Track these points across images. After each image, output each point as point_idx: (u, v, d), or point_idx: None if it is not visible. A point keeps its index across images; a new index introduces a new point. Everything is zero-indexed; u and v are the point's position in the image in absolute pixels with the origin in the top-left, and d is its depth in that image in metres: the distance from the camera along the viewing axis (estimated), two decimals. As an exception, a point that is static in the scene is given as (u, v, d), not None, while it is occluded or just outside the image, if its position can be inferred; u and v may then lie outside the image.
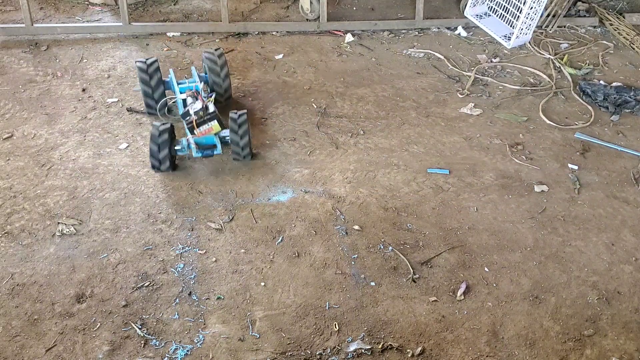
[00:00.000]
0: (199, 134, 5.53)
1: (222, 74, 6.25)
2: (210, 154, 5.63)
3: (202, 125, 5.51)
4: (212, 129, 5.55)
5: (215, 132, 5.58)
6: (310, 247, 5.10)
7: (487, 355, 4.41)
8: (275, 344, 4.45)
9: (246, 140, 5.63)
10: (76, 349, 4.41)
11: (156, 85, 6.13)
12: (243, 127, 5.58)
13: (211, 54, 6.25)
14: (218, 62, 6.21)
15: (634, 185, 5.70)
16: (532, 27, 7.06)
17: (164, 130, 5.46)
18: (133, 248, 5.07)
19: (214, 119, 5.51)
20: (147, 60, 6.14)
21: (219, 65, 6.22)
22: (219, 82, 6.27)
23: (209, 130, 5.55)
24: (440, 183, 5.67)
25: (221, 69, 6.24)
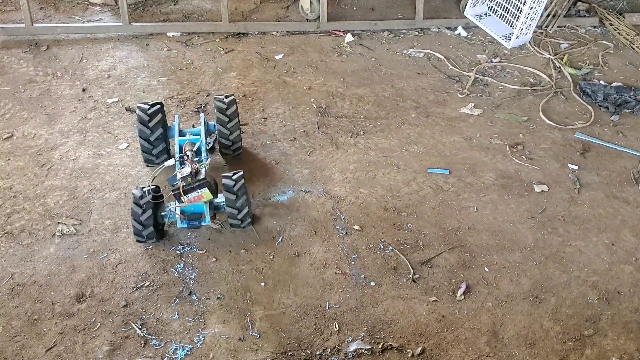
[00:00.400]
0: (186, 202, 4.83)
1: (229, 125, 5.55)
2: (197, 225, 4.99)
3: (190, 193, 4.79)
4: (202, 196, 4.83)
5: (205, 200, 4.88)
6: (310, 247, 5.10)
7: (487, 355, 4.41)
8: (275, 344, 4.45)
9: (246, 211, 4.99)
10: (76, 349, 4.41)
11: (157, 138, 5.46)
12: (241, 193, 4.93)
13: (221, 102, 5.54)
14: (227, 111, 5.52)
15: (634, 185, 5.70)
16: (532, 27, 7.06)
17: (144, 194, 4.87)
18: (133, 248, 5.07)
19: (204, 186, 4.79)
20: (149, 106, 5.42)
21: (227, 115, 5.53)
22: (226, 135, 5.58)
23: (198, 198, 4.84)
24: (440, 183, 5.67)
25: (230, 119, 5.54)
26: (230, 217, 5.02)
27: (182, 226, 4.99)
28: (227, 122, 5.54)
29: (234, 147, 5.65)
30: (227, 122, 5.54)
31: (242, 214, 4.99)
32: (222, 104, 5.54)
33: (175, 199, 4.86)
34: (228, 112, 5.52)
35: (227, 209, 4.99)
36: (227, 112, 5.52)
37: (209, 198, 4.88)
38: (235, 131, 5.55)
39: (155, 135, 5.44)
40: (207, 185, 4.79)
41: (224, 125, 5.55)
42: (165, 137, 5.52)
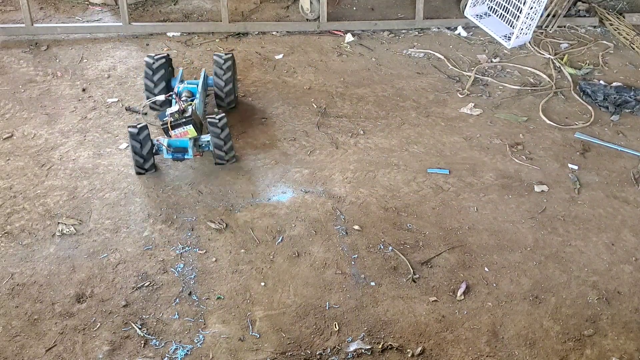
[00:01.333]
0: (173, 136, 5.43)
1: (224, 77, 6.16)
2: (180, 157, 5.56)
3: (176, 128, 5.38)
4: (187, 132, 5.42)
5: (190, 136, 5.47)
6: (310, 247, 5.10)
7: (487, 355, 4.41)
8: (275, 344, 4.45)
9: (230, 144, 5.62)
10: (76, 349, 4.41)
11: (158, 81, 6.10)
12: (225, 130, 5.56)
13: (219, 57, 6.18)
14: (223, 65, 6.14)
15: (634, 185, 5.70)
16: (532, 27, 7.06)
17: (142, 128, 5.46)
18: (133, 248, 5.07)
19: (189, 123, 5.37)
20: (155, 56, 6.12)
21: (223, 69, 6.14)
22: (221, 86, 6.20)
23: (184, 134, 5.43)
24: (440, 183, 5.67)
25: (225, 72, 6.16)
26: (216, 147, 5.58)
27: (168, 157, 5.59)
28: (222, 75, 6.14)
29: (227, 100, 6.23)
30: (222, 74, 6.13)
31: (227, 147, 5.61)
32: (220, 58, 6.16)
33: (164, 133, 5.45)
34: (224, 66, 6.13)
35: (212, 140, 5.57)
36: (223, 66, 6.13)
37: (194, 135, 5.47)
38: (229, 84, 6.12)
39: (159, 88, 6.09)
40: (192, 123, 5.38)
41: (220, 77, 6.15)
42: (168, 89, 6.12)
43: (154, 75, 6.08)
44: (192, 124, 5.38)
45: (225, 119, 5.58)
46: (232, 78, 6.21)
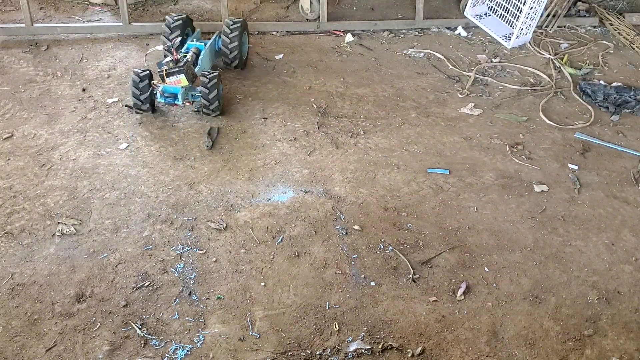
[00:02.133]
0: (168, 82, 5.97)
1: (230, 35, 6.65)
2: (170, 101, 6.10)
3: (171, 76, 5.94)
4: (180, 81, 5.97)
5: (182, 84, 6.00)
6: (310, 247, 5.10)
7: (487, 355, 4.41)
8: (275, 344, 4.45)
9: (215, 98, 6.13)
10: (76, 349, 4.41)
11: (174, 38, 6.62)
12: (212, 82, 6.08)
13: (229, 19, 6.77)
14: (231, 26, 6.69)
15: (634, 185, 5.70)
16: (532, 27, 7.07)
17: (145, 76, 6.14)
18: (133, 248, 5.07)
19: (182, 72, 5.91)
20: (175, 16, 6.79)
21: (230, 29, 6.67)
22: (226, 43, 6.69)
23: (177, 82, 5.98)
24: (440, 183, 5.68)
25: (232, 32, 6.65)
26: (203, 96, 6.14)
27: (160, 100, 6.13)
28: (229, 34, 6.64)
29: (231, 56, 6.71)
30: (229, 33, 6.64)
31: (212, 97, 6.12)
32: (230, 20, 6.76)
33: (160, 79, 6.04)
34: (232, 26, 6.68)
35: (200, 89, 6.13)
36: (231, 27, 6.68)
37: (185, 84, 6.01)
38: (234, 42, 6.61)
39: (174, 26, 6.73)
40: (184, 72, 5.93)
41: (226, 35, 6.66)
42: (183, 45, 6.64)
43: (171, 33, 6.67)
44: (184, 73, 5.92)
45: (216, 77, 6.13)
46: (237, 38, 6.66)
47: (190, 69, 6.08)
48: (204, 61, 6.53)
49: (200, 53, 6.52)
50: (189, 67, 6.04)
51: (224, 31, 6.72)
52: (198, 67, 6.39)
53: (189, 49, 6.53)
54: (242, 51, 6.87)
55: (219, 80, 6.20)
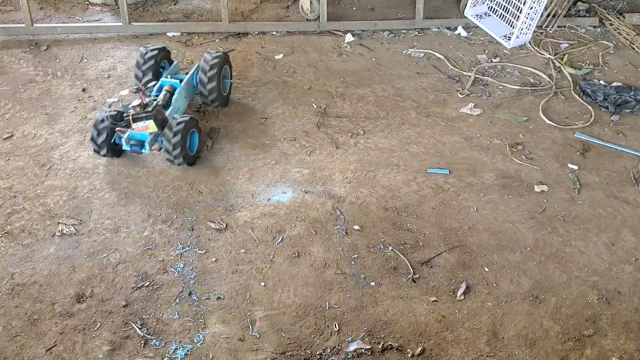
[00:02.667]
0: (135, 129, 5.49)
1: (208, 74, 6.09)
2: (137, 150, 5.59)
3: (138, 122, 5.44)
4: (148, 127, 5.47)
5: (151, 131, 5.50)
6: (310, 247, 5.10)
7: (487, 355, 4.41)
8: (275, 344, 4.45)
9: (178, 141, 5.48)
10: (76, 349, 4.41)
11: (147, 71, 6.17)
12: (179, 126, 5.49)
13: (208, 54, 6.20)
14: (210, 61, 6.11)
15: (634, 185, 5.70)
16: (532, 27, 7.06)
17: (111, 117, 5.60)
18: (133, 248, 5.07)
19: (150, 118, 5.42)
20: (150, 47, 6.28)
21: (209, 64, 6.10)
22: (203, 82, 6.14)
23: (145, 128, 5.48)
24: (440, 183, 5.67)
25: (210, 69, 6.09)
26: (166, 150, 5.56)
27: (126, 148, 5.58)
28: (207, 71, 6.08)
29: (210, 97, 6.17)
30: (207, 70, 6.08)
31: (175, 150, 5.51)
32: (209, 55, 6.16)
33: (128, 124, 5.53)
34: (210, 62, 6.09)
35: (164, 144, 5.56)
36: (210, 62, 6.09)
37: (154, 130, 5.50)
38: (212, 81, 6.06)
39: (146, 67, 6.16)
40: (153, 118, 5.42)
41: (204, 73, 6.09)
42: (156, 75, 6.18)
43: (143, 65, 6.17)
44: (152, 118, 5.43)
45: (186, 122, 5.53)
46: (217, 76, 6.12)
47: (160, 113, 5.55)
48: (179, 101, 6.00)
49: (175, 92, 5.96)
50: (158, 111, 5.52)
51: (201, 67, 6.13)
52: (171, 109, 5.82)
53: (162, 87, 5.97)
54: (224, 87, 6.35)
55: (188, 127, 5.58)
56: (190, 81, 6.22)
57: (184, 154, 5.55)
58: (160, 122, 5.52)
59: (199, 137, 5.77)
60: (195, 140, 5.74)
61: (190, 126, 5.62)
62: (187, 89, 6.17)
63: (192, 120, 5.64)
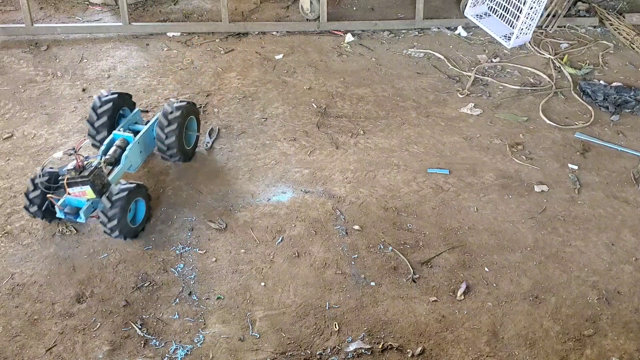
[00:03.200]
0: (71, 194, 4.87)
1: (166, 129, 5.39)
2: (71, 218, 4.93)
3: (73, 187, 4.82)
4: (85, 193, 4.84)
5: (89, 197, 4.89)
6: (310, 247, 5.10)
7: (487, 355, 4.41)
8: (275, 344, 4.45)
9: (115, 213, 4.86)
10: (76, 349, 4.41)
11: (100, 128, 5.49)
12: (119, 196, 4.87)
13: (169, 104, 5.47)
14: (169, 115, 5.40)
15: (634, 185, 5.70)
16: (532, 27, 7.06)
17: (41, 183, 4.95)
18: (133, 248, 5.07)
19: (87, 184, 4.79)
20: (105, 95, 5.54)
21: (168, 119, 5.40)
22: (161, 138, 5.43)
23: (82, 194, 4.86)
24: (440, 183, 5.67)
25: (169, 123, 5.39)
26: (102, 211, 4.91)
27: (60, 216, 4.97)
28: (165, 126, 5.39)
29: (168, 153, 5.49)
30: (165, 125, 5.39)
31: (110, 224, 4.88)
32: (169, 106, 5.46)
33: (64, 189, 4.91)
34: (170, 116, 5.40)
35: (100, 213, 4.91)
36: (169, 116, 5.40)
37: (92, 197, 4.89)
38: (171, 137, 5.38)
39: (100, 122, 5.46)
40: (90, 184, 4.81)
41: (162, 128, 5.41)
42: (112, 127, 5.50)
43: (97, 118, 5.46)
44: (89, 184, 4.81)
45: (128, 192, 4.89)
46: (176, 132, 5.38)
47: (100, 178, 4.90)
48: (132, 158, 5.31)
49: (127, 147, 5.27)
50: (96, 176, 4.87)
51: (159, 121, 5.41)
52: (120, 167, 5.19)
53: (114, 140, 5.33)
54: (188, 141, 5.67)
55: (130, 196, 4.92)
56: (148, 134, 5.52)
57: (121, 227, 4.90)
58: (100, 188, 4.91)
59: (146, 206, 5.15)
60: (142, 210, 5.13)
61: (133, 195, 4.97)
62: (144, 143, 5.49)
63: (138, 188, 5.01)
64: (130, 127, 5.55)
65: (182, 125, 5.47)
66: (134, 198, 5.00)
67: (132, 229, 5.04)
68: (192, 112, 5.66)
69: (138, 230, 5.12)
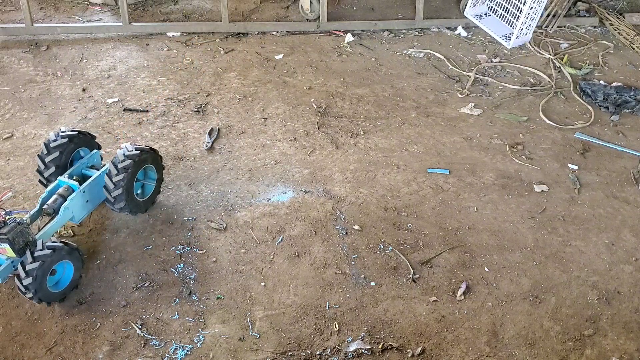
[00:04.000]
0: None
1: (114, 178, 4.89)
2: None
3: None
4: (5, 250, 4.46)
5: (9, 255, 4.49)
6: (310, 247, 5.10)
7: (487, 355, 4.41)
8: (275, 344, 4.45)
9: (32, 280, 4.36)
10: (76, 349, 4.41)
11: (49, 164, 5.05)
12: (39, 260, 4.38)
13: (123, 149, 4.97)
14: (119, 164, 4.90)
15: (634, 185, 5.70)
16: (532, 27, 7.06)
17: None
18: (133, 248, 5.07)
19: (5, 241, 4.39)
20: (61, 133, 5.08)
21: (117, 168, 4.90)
22: (109, 188, 4.93)
23: (2, 251, 4.48)
24: (440, 183, 5.67)
25: (118, 172, 4.89)
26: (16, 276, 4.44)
27: None
28: (114, 175, 4.90)
29: (116, 206, 5.01)
30: (114, 174, 4.90)
31: (27, 281, 4.38)
32: (122, 151, 4.95)
33: None
34: (119, 165, 4.90)
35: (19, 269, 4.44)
36: (119, 165, 4.90)
37: (11, 255, 4.48)
38: (119, 189, 4.89)
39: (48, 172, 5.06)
40: (9, 242, 4.40)
41: (110, 177, 4.92)
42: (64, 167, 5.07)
43: (47, 155, 5.01)
44: (8, 242, 4.39)
45: (51, 254, 4.40)
46: (123, 182, 4.89)
47: (22, 235, 4.46)
48: (74, 209, 4.84)
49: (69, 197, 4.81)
50: (18, 234, 4.44)
51: (109, 168, 4.91)
52: (57, 219, 4.74)
53: (58, 187, 4.88)
54: (144, 191, 5.24)
55: (53, 259, 4.42)
56: (97, 182, 5.00)
57: (41, 295, 4.44)
58: (21, 247, 4.47)
59: (74, 270, 4.63)
60: (69, 274, 4.62)
61: (57, 258, 4.46)
62: (91, 193, 4.97)
63: (65, 249, 4.49)
64: (84, 171, 5.08)
65: (133, 175, 4.95)
66: (57, 261, 4.49)
67: (54, 294, 4.54)
68: (148, 159, 5.09)
69: (61, 296, 4.60)
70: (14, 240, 4.43)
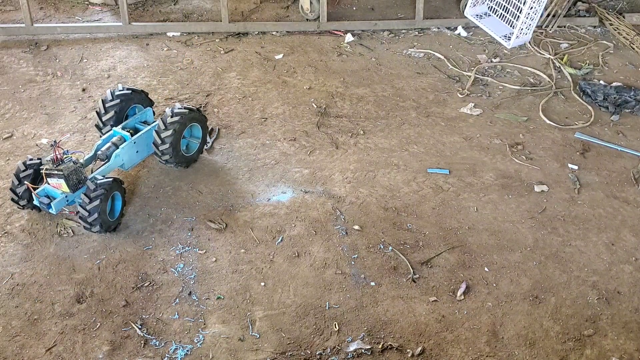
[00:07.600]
0: (50, 184, 5.04)
1: (163, 134, 5.38)
2: (44, 207, 5.07)
3: (51, 177, 5.00)
4: (60, 185, 5.00)
5: (63, 190, 5.04)
6: (310, 247, 5.10)
7: (487, 355, 4.41)
8: (275, 344, 4.45)
9: (95, 206, 4.94)
10: (76, 348, 4.41)
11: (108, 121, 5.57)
12: (97, 192, 4.96)
13: (170, 109, 5.48)
14: (167, 120, 5.40)
15: (634, 185, 5.70)
16: (532, 27, 7.05)
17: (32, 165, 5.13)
18: (133, 248, 5.07)
19: (61, 177, 4.95)
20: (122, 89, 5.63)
21: (165, 124, 5.39)
22: (157, 143, 5.43)
23: (58, 186, 5.02)
24: (440, 183, 5.67)
25: (166, 128, 5.39)
26: (81, 205, 4.98)
27: (35, 203, 5.11)
28: (162, 130, 5.39)
29: (164, 158, 5.50)
30: (162, 130, 5.39)
31: (91, 217, 4.97)
32: (170, 110, 5.44)
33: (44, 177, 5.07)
34: (167, 120, 5.38)
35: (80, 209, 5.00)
36: (166, 121, 5.39)
37: (65, 190, 5.03)
38: (166, 143, 5.37)
39: (107, 116, 5.54)
40: (64, 178, 4.96)
41: (158, 133, 5.41)
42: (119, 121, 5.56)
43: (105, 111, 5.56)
44: (64, 178, 4.95)
45: (106, 186, 5.00)
46: (171, 139, 5.38)
47: (76, 173, 5.02)
48: (125, 157, 5.39)
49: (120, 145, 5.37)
50: (73, 171, 4.99)
51: (158, 125, 5.43)
52: (109, 164, 5.27)
53: (112, 137, 5.43)
54: (189, 148, 5.71)
55: (109, 192, 5.03)
56: (147, 135, 5.53)
57: (102, 221, 5.01)
58: (74, 183, 5.03)
59: (122, 200, 5.24)
60: (119, 204, 5.23)
61: (110, 191, 5.08)
62: (141, 144, 5.51)
63: (114, 183, 5.10)
64: (137, 125, 5.61)
65: (180, 132, 5.45)
66: (111, 193, 5.08)
67: (111, 222, 5.13)
68: (194, 119, 5.58)
69: (117, 224, 5.20)
70: (69, 177, 4.97)
